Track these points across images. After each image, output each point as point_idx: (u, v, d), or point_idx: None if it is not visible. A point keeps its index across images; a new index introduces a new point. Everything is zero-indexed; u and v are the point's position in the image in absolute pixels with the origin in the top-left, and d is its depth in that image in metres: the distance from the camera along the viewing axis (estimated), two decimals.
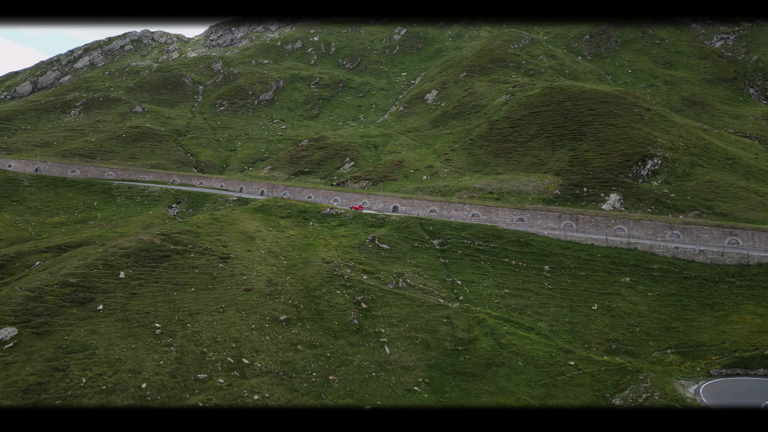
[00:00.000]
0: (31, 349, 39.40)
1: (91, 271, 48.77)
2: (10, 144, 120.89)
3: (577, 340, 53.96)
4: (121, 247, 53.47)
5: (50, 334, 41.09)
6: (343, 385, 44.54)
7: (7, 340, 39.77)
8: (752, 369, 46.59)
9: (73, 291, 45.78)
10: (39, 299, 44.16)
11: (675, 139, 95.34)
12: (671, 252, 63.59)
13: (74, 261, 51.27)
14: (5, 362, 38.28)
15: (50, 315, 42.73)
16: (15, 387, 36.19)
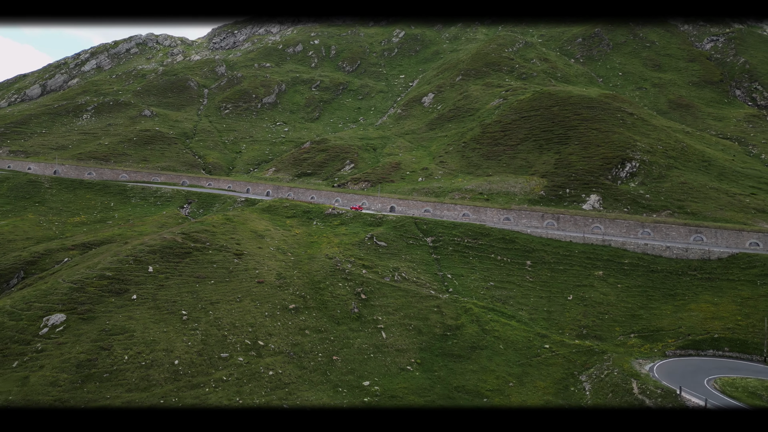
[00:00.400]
0: (78, 332, 46.29)
1: (124, 266, 55.64)
2: (27, 147, 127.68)
3: (553, 327, 60.84)
4: (147, 244, 60.31)
5: (94, 320, 47.98)
6: (345, 364, 51.43)
7: (57, 324, 46.65)
8: (703, 350, 53.50)
9: (110, 283, 52.66)
10: (81, 290, 51.04)
11: (654, 143, 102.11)
12: (641, 248, 70.46)
13: (108, 257, 58.12)
14: (58, 342, 45.18)
15: (92, 303, 49.62)
16: (69, 362, 43.09)
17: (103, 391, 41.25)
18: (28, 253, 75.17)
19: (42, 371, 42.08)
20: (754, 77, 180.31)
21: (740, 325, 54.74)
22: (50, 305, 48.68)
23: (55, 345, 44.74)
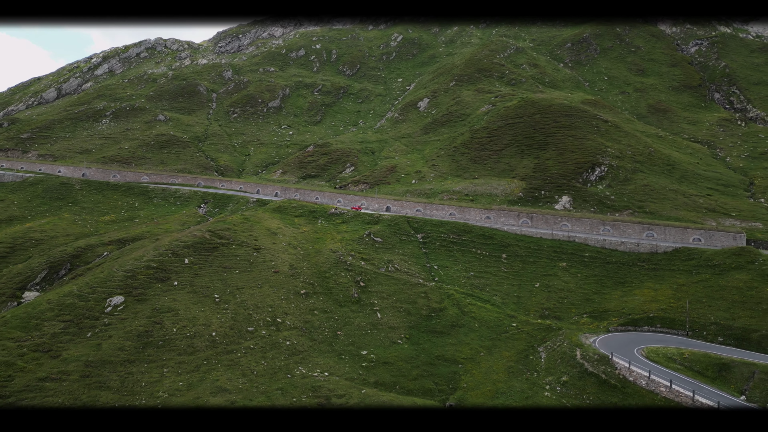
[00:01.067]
0: (135, 310, 58.45)
1: (165, 258, 67.72)
2: (54, 151, 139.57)
3: (521, 309, 72.93)
4: (182, 240, 72.36)
5: (146, 301, 60.14)
6: (347, 338, 63.59)
7: (118, 304, 58.79)
8: (639, 327, 65.59)
9: (155, 272, 64.78)
10: (133, 277, 63.16)
11: (624, 148, 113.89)
12: (600, 243, 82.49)
13: (150, 250, 70.19)
14: (120, 318, 57.35)
15: (143, 288, 61.75)
16: (131, 333, 55.27)
17: (160, 354, 53.45)
18: (72, 248, 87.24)
19: (111, 340, 54.26)
20: (733, 81, 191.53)
21: (672, 307, 66.79)
22: (110, 289, 60.82)
23: (119, 320, 56.92)
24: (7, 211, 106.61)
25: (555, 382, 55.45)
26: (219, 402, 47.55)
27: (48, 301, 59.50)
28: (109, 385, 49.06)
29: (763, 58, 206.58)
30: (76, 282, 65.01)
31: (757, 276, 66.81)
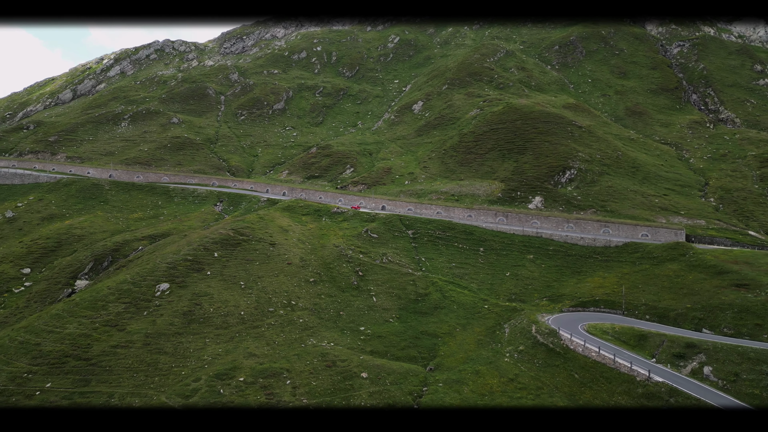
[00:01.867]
0: (179, 294, 73.42)
1: (198, 252, 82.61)
2: (81, 153, 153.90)
3: (492, 294, 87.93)
4: (210, 237, 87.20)
5: (187, 287, 75.12)
6: (348, 317, 78.60)
7: (165, 290, 73.75)
8: (587, 308, 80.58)
9: (191, 263, 79.69)
10: (174, 268, 78.07)
11: (594, 152, 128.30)
12: (563, 238, 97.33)
13: (184, 245, 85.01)
14: (168, 300, 72.35)
15: (183, 276, 76.69)
16: (178, 312, 70.26)
17: (201, 328, 68.52)
18: (111, 243, 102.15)
19: (162, 317, 69.30)
20: (709, 83, 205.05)
21: (615, 291, 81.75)
22: (157, 278, 75.76)
23: (167, 302, 71.93)
24: (48, 209, 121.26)
25: (513, 350, 70.46)
26: (251, 364, 62.68)
27: (108, 287, 74.46)
28: (165, 351, 64.19)
29: (739, 60, 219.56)
30: (127, 272, 79.89)
31: (685, 266, 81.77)
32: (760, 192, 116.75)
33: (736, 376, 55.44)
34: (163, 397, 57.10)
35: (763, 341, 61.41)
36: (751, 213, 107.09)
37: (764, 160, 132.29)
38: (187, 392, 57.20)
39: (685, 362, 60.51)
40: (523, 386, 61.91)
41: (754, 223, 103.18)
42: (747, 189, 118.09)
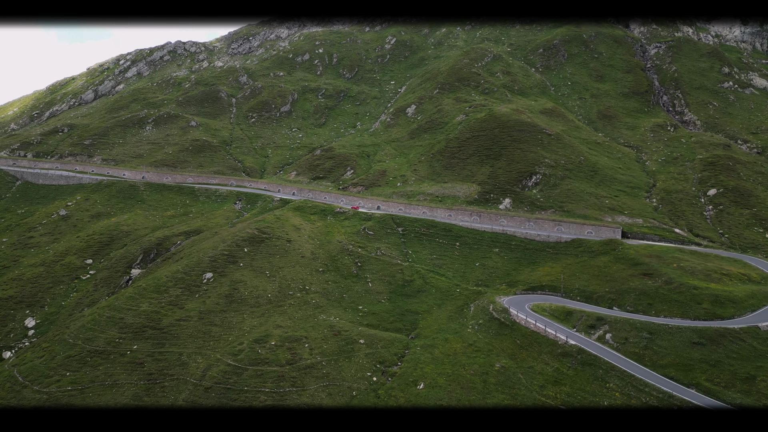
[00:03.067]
0: (221, 282, 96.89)
1: (232, 248, 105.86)
2: (114, 156, 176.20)
3: (464, 280, 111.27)
4: (239, 236, 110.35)
5: (226, 276, 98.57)
6: (349, 299, 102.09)
7: (210, 278, 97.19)
8: (535, 291, 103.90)
9: (227, 257, 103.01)
10: (215, 261, 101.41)
11: (559, 158, 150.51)
12: (524, 235, 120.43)
13: (220, 242, 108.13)
14: (213, 286, 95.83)
15: (222, 267, 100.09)
16: (220, 295, 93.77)
17: (240, 307, 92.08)
18: (154, 238, 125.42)
19: (210, 298, 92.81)
20: (679, 85, 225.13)
21: (558, 278, 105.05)
22: (202, 268, 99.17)
23: (212, 287, 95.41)
24: (95, 208, 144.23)
25: (475, 323, 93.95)
26: (279, 333, 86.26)
27: (166, 275, 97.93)
28: (215, 323, 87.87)
29: (709, 62, 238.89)
30: (176, 264, 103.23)
31: (612, 259, 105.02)
32: (695, 194, 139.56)
33: (626, 339, 79.19)
34: (218, 355, 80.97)
35: (651, 316, 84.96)
36: (682, 213, 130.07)
37: (707, 164, 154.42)
38: (235, 352, 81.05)
39: (594, 331, 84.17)
40: (479, 349, 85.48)
41: (682, 222, 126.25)
42: (685, 191, 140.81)
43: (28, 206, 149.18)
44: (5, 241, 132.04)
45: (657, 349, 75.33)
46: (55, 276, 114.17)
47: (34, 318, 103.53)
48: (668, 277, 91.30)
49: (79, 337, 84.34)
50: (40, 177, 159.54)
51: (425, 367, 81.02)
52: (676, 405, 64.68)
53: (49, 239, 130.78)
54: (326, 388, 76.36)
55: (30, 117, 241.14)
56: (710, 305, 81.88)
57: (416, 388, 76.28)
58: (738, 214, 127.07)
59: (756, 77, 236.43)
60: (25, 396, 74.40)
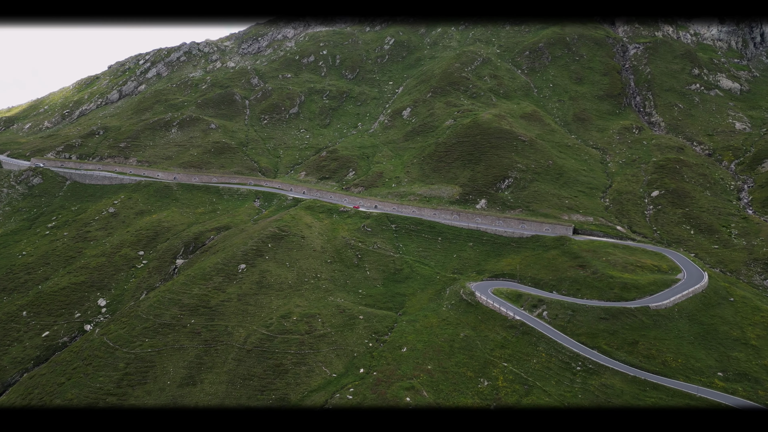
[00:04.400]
0: (252, 271, 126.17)
1: (258, 244, 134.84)
2: (147, 157, 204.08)
3: (443, 269, 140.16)
4: (263, 234, 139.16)
5: (255, 266, 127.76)
6: (351, 284, 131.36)
7: (243, 268, 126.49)
8: (498, 278, 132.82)
9: (256, 251, 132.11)
10: (246, 254, 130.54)
11: (530, 163, 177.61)
12: (494, 231, 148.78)
13: (248, 238, 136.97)
14: (246, 275, 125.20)
15: (252, 260, 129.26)
16: (253, 282, 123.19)
17: (267, 291, 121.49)
18: (191, 233, 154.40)
19: (245, 285, 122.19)
20: (651, 86, 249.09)
21: (516, 268, 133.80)
22: (237, 261, 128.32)
23: (245, 275, 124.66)
24: (137, 206, 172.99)
25: (448, 304, 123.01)
26: (298, 310, 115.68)
27: (209, 266, 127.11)
28: (250, 303, 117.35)
29: (681, 64, 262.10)
30: (215, 256, 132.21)
31: (560, 252, 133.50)
32: (642, 195, 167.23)
33: (556, 315, 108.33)
34: (254, 326, 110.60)
35: (577, 298, 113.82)
36: (627, 212, 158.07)
37: (658, 167, 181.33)
38: (267, 324, 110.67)
39: (535, 309, 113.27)
40: (450, 323, 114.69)
41: (625, 220, 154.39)
42: (634, 192, 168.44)
43: (80, 204, 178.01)
44: (66, 235, 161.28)
45: (576, 322, 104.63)
46: (115, 265, 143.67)
47: (105, 299, 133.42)
48: (595, 269, 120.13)
49: (150, 313, 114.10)
50: (86, 177, 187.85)
51: (408, 336, 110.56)
52: (580, 362, 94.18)
53: (103, 233, 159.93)
54: (335, 350, 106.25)
55: (62, 115, 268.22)
56: (619, 290, 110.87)
57: (401, 351, 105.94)
58: (672, 214, 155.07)
59: (723, 78, 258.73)
60: (118, 356, 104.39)
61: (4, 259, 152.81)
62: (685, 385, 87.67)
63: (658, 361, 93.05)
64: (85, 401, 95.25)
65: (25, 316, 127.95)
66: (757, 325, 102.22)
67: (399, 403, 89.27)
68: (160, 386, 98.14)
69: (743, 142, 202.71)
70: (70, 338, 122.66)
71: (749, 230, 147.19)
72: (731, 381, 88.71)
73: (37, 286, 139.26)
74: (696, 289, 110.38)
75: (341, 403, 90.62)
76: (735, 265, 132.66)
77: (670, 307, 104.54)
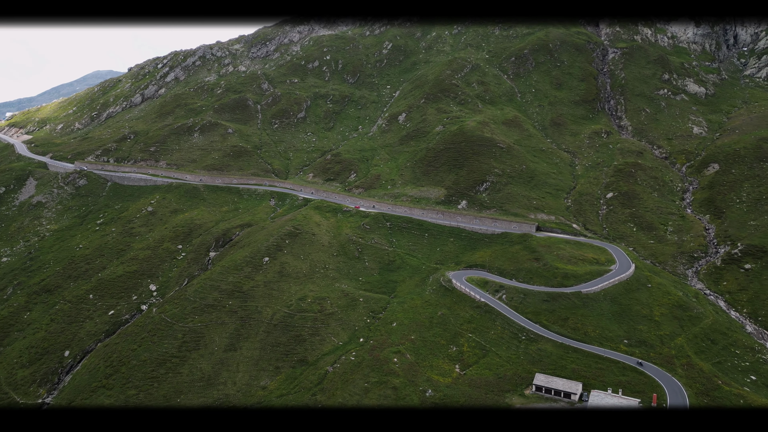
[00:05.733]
0: (274, 263, 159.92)
1: (278, 240, 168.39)
2: (175, 160, 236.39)
3: (428, 261, 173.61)
4: (282, 231, 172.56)
5: (276, 259, 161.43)
6: (353, 273, 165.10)
7: (266, 261, 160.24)
8: (472, 268, 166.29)
9: (276, 246, 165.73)
10: (269, 249, 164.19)
11: (506, 168, 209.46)
12: (471, 228, 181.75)
13: (270, 235, 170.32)
14: (269, 265, 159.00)
15: (273, 253, 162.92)
16: (275, 271, 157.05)
17: (287, 279, 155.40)
18: (220, 229, 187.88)
19: (269, 274, 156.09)
20: (623, 91, 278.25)
21: (486, 260, 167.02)
22: (261, 254, 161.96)
23: (269, 266, 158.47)
24: (171, 205, 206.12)
25: (430, 289, 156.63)
26: (312, 294, 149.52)
27: (239, 258, 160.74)
28: (274, 289, 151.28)
29: (653, 69, 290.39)
30: (242, 250, 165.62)
31: (522, 247, 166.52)
32: (599, 196, 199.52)
33: (512, 298, 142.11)
34: (278, 307, 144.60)
35: (529, 284, 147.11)
36: (584, 211, 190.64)
37: (617, 171, 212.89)
38: (288, 305, 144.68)
39: (497, 293, 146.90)
40: (431, 304, 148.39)
41: (581, 219, 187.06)
42: (592, 194, 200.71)
43: (122, 203, 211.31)
44: (114, 230, 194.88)
45: (526, 303, 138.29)
46: (160, 257, 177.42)
47: (154, 284, 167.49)
48: (546, 261, 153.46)
49: (196, 296, 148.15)
50: (124, 179, 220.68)
51: (398, 314, 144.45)
52: (525, 333, 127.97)
53: (145, 230, 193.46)
54: (341, 325, 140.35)
55: (90, 117, 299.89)
56: (561, 279, 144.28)
57: (391, 325, 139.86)
58: (621, 213, 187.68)
59: (691, 83, 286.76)
60: (175, 329, 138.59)
61: (65, 251, 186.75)
62: (598, 348, 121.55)
63: (581, 332, 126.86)
64: (155, 361, 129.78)
65: (92, 299, 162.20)
66: (663, 305, 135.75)
67: (389, 363, 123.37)
68: (210, 351, 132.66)
69: (697, 146, 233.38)
70: (130, 316, 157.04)
71: (683, 227, 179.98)
72: (632, 346, 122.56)
73: (97, 274, 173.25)
74: (621, 278, 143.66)
75: (347, 362, 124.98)
76: (664, 258, 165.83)
77: (597, 292, 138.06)
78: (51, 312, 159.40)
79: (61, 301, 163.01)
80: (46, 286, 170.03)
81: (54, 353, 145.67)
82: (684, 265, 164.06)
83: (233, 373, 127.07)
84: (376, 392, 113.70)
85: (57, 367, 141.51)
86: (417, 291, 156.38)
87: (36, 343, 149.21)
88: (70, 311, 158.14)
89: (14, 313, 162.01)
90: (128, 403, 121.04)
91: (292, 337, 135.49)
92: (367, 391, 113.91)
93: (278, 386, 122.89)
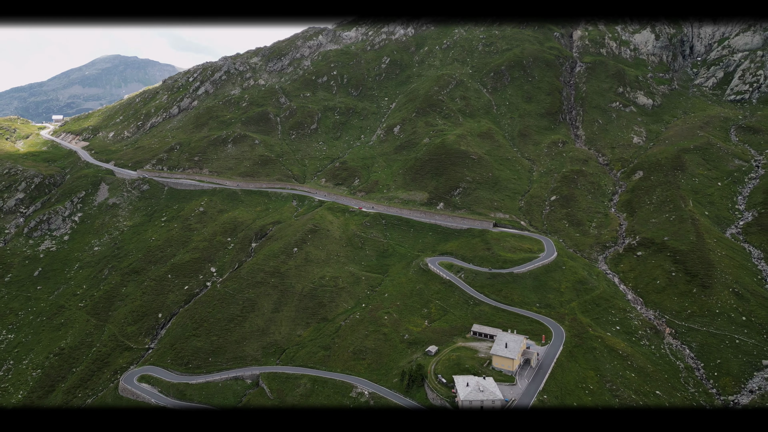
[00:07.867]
0: (300, 252, 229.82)
1: (303, 235, 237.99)
2: (215, 168, 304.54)
3: (413, 250, 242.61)
4: (305, 228, 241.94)
5: (302, 249, 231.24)
6: (358, 259, 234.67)
7: (296, 251, 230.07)
8: (443, 255, 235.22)
9: (301, 240, 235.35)
10: (297, 241, 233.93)
11: (476, 176, 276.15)
12: (445, 225, 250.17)
13: (296, 232, 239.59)
14: (298, 254, 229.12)
15: (300, 245, 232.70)
16: (302, 258, 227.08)
17: (311, 263, 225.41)
18: (257, 226, 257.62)
19: (297, 260, 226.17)
20: (583, 104, 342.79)
21: (454, 249, 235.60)
22: (291, 245, 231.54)
23: (298, 255, 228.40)
24: (217, 206, 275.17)
25: (413, 271, 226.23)
26: (329, 275, 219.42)
27: (276, 249, 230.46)
28: (302, 270, 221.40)
29: (610, 83, 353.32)
30: (276, 243, 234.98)
31: (480, 240, 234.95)
32: (545, 198, 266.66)
33: (468, 276, 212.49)
34: (305, 283, 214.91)
35: (481, 267, 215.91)
36: (532, 212, 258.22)
37: (563, 177, 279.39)
38: (312, 282, 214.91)
39: (458, 273, 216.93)
40: (413, 281, 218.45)
41: (528, 217, 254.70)
42: (541, 197, 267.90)
43: (178, 204, 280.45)
44: (176, 226, 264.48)
45: (476, 280, 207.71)
46: (215, 246, 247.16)
47: (214, 267, 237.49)
48: (494, 251, 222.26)
49: (247, 276, 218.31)
50: (178, 185, 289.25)
51: (389, 288, 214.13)
52: (473, 300, 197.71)
53: (200, 226, 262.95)
54: (349, 295, 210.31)
55: (136, 126, 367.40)
56: (502, 263, 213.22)
57: (384, 295, 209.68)
58: (559, 212, 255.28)
59: (641, 95, 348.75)
60: (236, 298, 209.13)
61: (142, 242, 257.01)
62: (519, 309, 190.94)
63: (509, 299, 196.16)
64: (226, 319, 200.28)
65: (170, 278, 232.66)
66: (569, 281, 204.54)
67: (381, 319, 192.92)
68: (262, 312, 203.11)
69: (632, 155, 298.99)
70: (200, 290, 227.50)
71: (604, 223, 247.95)
72: (541, 308, 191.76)
73: (170, 260, 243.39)
74: (545, 262, 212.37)
75: (353, 319, 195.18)
76: (584, 247, 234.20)
77: (525, 272, 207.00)
78: (141, 287, 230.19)
79: (147, 279, 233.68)
80: (134, 269, 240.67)
81: (150, 315, 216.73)
82: (597, 253, 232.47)
83: (279, 326, 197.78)
84: (372, 337, 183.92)
85: (155, 325, 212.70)
86: (403, 272, 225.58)
87: (136, 309, 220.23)
88: (155, 287, 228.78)
89: (114, 288, 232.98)
90: (211, 345, 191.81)
91: (317, 304, 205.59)
92: (366, 336, 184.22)
93: (309, 334, 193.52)
